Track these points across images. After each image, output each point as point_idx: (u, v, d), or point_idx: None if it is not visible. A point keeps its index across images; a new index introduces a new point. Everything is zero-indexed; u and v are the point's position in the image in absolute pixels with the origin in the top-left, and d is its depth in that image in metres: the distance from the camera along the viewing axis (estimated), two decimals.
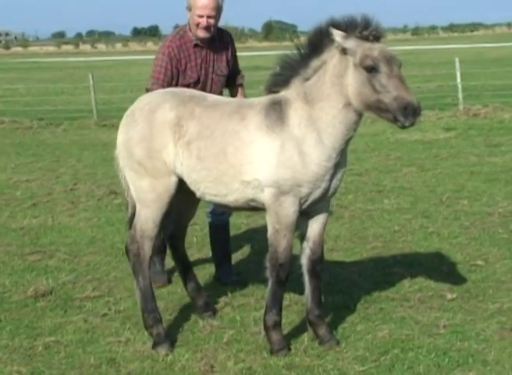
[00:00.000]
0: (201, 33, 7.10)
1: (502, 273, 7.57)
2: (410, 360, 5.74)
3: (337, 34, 5.45)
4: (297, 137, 5.63)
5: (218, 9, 7.08)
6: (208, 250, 8.78)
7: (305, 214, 5.93)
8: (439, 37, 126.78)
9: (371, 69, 5.36)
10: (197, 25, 7.06)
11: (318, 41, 5.61)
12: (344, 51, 5.47)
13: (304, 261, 6.05)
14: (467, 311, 6.64)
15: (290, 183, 5.62)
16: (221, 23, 7.32)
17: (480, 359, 5.73)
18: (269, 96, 5.91)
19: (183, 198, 6.37)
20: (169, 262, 7.55)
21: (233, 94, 7.62)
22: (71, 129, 20.85)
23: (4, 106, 25.98)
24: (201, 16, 7.02)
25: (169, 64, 7.11)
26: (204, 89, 7.12)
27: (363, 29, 5.44)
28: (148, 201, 6.12)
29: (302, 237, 6.07)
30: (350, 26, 5.47)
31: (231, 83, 7.55)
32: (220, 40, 7.32)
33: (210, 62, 7.27)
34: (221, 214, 7.61)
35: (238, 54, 7.70)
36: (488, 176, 12.26)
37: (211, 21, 7.05)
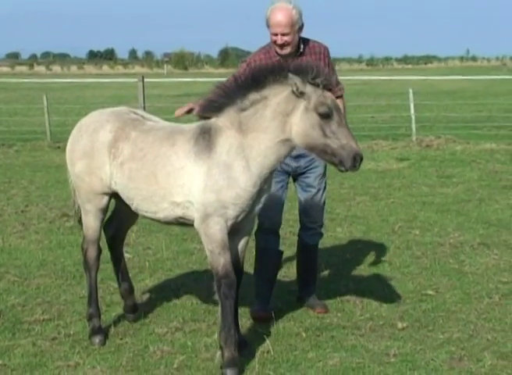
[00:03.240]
0: (279, 50, 7.03)
1: (452, 303, 7.63)
2: None
3: (296, 79, 5.69)
4: (225, 162, 5.89)
5: (293, 25, 6.92)
6: (161, 275, 8.75)
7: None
8: (393, 68, 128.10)
9: (326, 116, 5.66)
10: (274, 43, 7.02)
11: (262, 77, 5.87)
12: (301, 94, 5.71)
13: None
14: (418, 340, 6.68)
15: (216, 205, 5.89)
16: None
17: None
18: (200, 123, 6.20)
19: (124, 208, 6.69)
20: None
21: None
22: (24, 150, 20.64)
23: None
24: (275, 34, 6.97)
25: None
26: None
27: (315, 76, 5.70)
28: (87, 210, 6.69)
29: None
30: (302, 72, 5.72)
31: None
32: (311, 52, 7.15)
33: None
34: (313, 235, 7.57)
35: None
36: (439, 206, 12.38)
37: (286, 38, 6.94)
